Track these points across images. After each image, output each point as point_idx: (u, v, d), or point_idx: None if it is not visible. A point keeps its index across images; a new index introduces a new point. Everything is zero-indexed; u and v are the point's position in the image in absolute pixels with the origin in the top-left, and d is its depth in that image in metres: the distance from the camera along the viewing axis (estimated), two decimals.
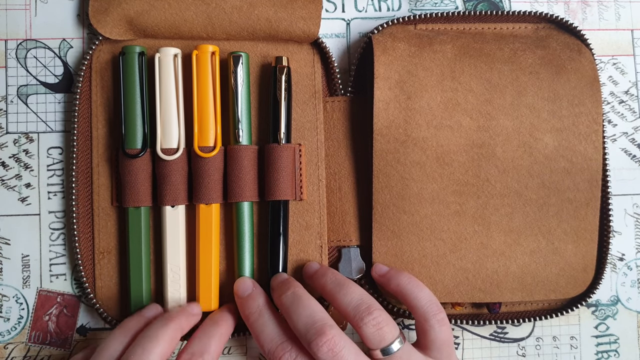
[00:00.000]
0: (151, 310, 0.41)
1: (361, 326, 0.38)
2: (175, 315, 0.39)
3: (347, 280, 0.41)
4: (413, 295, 0.41)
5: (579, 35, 0.46)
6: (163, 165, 0.42)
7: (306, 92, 0.45)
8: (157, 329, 0.38)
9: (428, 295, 0.41)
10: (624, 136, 0.49)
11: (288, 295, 0.39)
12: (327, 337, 0.37)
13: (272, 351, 0.38)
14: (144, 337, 0.37)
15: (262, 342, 0.39)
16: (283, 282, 0.41)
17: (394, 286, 0.42)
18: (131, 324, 0.40)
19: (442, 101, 0.44)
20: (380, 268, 0.43)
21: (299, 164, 0.44)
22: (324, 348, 0.36)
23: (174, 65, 0.43)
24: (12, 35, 0.46)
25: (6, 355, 0.44)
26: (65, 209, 0.45)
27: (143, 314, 0.41)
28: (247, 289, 0.41)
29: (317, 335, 0.37)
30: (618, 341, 0.47)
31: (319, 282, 0.41)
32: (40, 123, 0.45)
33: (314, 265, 0.43)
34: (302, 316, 0.38)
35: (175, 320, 0.39)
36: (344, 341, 0.37)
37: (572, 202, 0.44)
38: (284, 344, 0.38)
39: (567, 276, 0.44)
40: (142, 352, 0.36)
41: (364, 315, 0.38)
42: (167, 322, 0.38)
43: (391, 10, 0.48)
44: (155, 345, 0.37)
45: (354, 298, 0.39)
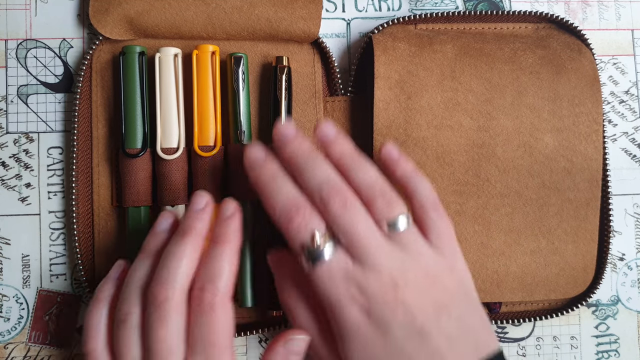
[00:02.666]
0: (163, 223, 0.40)
1: (370, 197, 0.37)
2: (187, 225, 0.38)
3: (365, 158, 0.39)
4: (414, 187, 0.39)
5: (580, 35, 0.46)
6: (163, 164, 0.42)
7: (306, 92, 0.45)
8: (176, 246, 0.37)
9: (428, 188, 0.39)
10: (624, 136, 0.49)
11: (303, 152, 0.38)
12: (342, 193, 0.36)
13: (285, 210, 0.36)
14: (166, 256, 0.37)
15: (273, 202, 0.36)
16: (295, 137, 0.38)
17: (399, 174, 0.39)
18: (151, 245, 0.39)
19: (442, 101, 0.44)
20: (392, 151, 0.40)
21: None
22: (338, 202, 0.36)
23: (174, 65, 0.43)
24: (12, 35, 0.46)
25: (6, 355, 0.44)
26: (65, 209, 0.45)
27: (156, 231, 0.39)
28: (259, 156, 0.38)
29: (332, 189, 0.36)
30: (618, 341, 0.47)
31: (335, 150, 0.39)
32: (40, 123, 0.45)
33: (330, 131, 0.39)
34: (317, 174, 0.37)
35: (189, 232, 0.37)
36: (358, 200, 0.36)
37: (572, 202, 0.44)
38: (300, 205, 0.36)
39: (567, 276, 0.44)
40: (167, 273, 0.36)
41: (376, 195, 0.37)
42: (183, 237, 0.37)
43: (391, 10, 0.48)
44: (179, 264, 0.36)
45: (368, 176, 0.38)
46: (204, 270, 0.36)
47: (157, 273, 0.36)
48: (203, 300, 0.35)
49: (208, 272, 0.36)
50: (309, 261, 0.35)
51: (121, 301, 0.37)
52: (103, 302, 0.38)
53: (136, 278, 0.37)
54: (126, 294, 0.37)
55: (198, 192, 0.39)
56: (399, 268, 0.36)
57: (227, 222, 0.38)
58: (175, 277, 0.36)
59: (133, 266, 0.38)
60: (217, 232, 0.38)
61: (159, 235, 0.39)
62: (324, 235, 0.36)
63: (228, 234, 0.37)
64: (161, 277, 0.36)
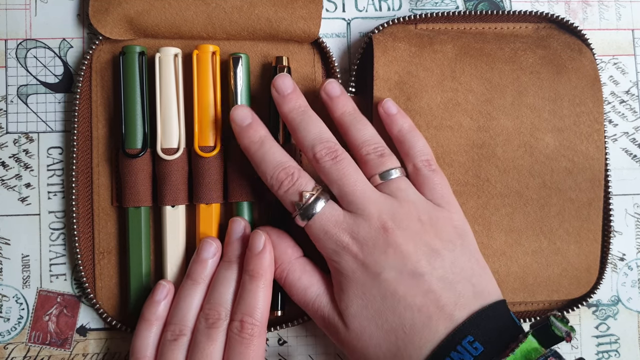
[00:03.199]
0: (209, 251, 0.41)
1: (364, 153, 0.40)
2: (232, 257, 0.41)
3: (364, 118, 0.41)
4: (410, 144, 0.41)
5: (580, 35, 0.46)
6: (163, 165, 0.42)
7: (306, 92, 0.45)
8: (225, 273, 0.40)
9: (423, 145, 0.41)
10: (625, 136, 0.49)
11: (299, 110, 0.40)
12: (332, 148, 0.38)
13: (275, 175, 0.39)
14: (217, 282, 0.40)
15: (264, 169, 0.39)
16: (292, 93, 0.41)
17: (396, 131, 0.41)
18: (199, 272, 0.41)
19: (442, 101, 0.44)
20: (390, 106, 0.42)
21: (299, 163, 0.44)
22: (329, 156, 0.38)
23: (174, 65, 0.43)
24: (12, 35, 0.45)
25: (6, 355, 0.44)
26: (65, 209, 0.45)
27: (201, 259, 0.41)
28: (245, 117, 0.41)
29: (323, 145, 0.39)
30: (618, 341, 0.47)
31: (337, 107, 0.41)
32: (40, 123, 0.45)
33: (335, 89, 0.42)
34: (312, 132, 0.39)
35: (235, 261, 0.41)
36: (348, 155, 0.39)
37: (574, 202, 0.44)
38: (287, 168, 0.39)
39: (570, 276, 0.44)
40: (219, 297, 0.39)
41: (370, 149, 0.40)
42: (230, 265, 0.41)
43: (392, 9, 0.48)
44: (228, 290, 0.40)
45: (365, 134, 0.40)
46: (242, 303, 0.39)
47: (209, 296, 0.40)
48: (242, 331, 0.38)
49: (247, 306, 0.39)
50: (304, 219, 0.38)
51: (173, 322, 0.40)
52: (151, 323, 0.40)
53: (187, 302, 0.40)
54: (178, 316, 0.40)
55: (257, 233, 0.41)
56: (389, 212, 0.38)
57: (260, 257, 0.40)
58: (227, 301, 0.39)
59: (183, 291, 0.41)
60: (251, 266, 0.40)
61: (205, 263, 0.41)
62: (313, 191, 0.38)
63: (262, 268, 0.40)
64: (214, 300, 0.39)
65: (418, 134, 0.41)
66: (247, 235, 0.41)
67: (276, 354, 0.45)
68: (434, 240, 0.38)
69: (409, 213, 0.38)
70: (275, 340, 0.45)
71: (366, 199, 0.38)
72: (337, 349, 0.46)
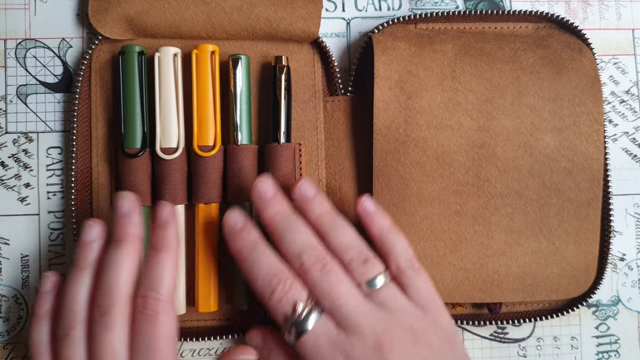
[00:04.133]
0: (90, 233, 0.39)
1: (347, 260, 0.38)
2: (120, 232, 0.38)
3: (342, 219, 0.40)
4: (391, 245, 0.40)
5: (580, 34, 0.46)
6: (162, 164, 0.42)
7: (306, 92, 0.45)
8: (114, 254, 0.37)
9: (403, 246, 0.40)
10: (625, 136, 0.49)
11: (282, 215, 0.39)
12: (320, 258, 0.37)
13: (267, 281, 0.37)
14: (106, 266, 0.37)
15: (255, 273, 0.37)
16: (273, 197, 0.39)
17: (376, 230, 0.40)
18: (83, 257, 0.38)
19: (442, 101, 0.44)
20: (369, 205, 0.41)
21: (299, 163, 0.44)
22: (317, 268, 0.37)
23: (174, 64, 0.43)
24: (11, 34, 0.45)
25: (6, 355, 0.44)
26: (65, 209, 0.45)
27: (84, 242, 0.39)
28: (238, 221, 0.39)
29: (311, 256, 0.37)
30: (619, 341, 0.47)
31: (313, 211, 0.40)
32: (39, 123, 0.45)
33: (309, 190, 0.40)
34: (297, 240, 0.38)
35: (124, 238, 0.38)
36: (337, 264, 0.38)
37: (573, 202, 0.44)
38: (280, 274, 0.37)
39: (568, 276, 0.44)
40: (110, 282, 0.36)
41: (353, 255, 0.38)
42: (119, 244, 0.38)
43: (391, 9, 0.48)
44: (120, 272, 0.37)
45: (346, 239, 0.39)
46: (144, 278, 0.37)
47: (99, 283, 0.37)
48: (146, 307, 0.36)
49: (149, 280, 0.37)
50: (294, 333, 0.36)
51: (62, 317, 0.37)
52: (43, 318, 0.38)
53: (74, 292, 0.37)
54: (66, 309, 0.37)
55: (120, 194, 0.39)
56: (383, 328, 0.36)
57: (164, 227, 0.38)
58: (119, 285, 0.36)
59: (69, 280, 0.38)
60: (154, 238, 0.38)
61: (89, 246, 0.39)
62: (306, 303, 0.37)
63: (166, 239, 0.38)
64: (104, 287, 0.37)
65: (398, 234, 0.40)
66: (136, 211, 0.39)
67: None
68: (427, 351, 0.37)
69: (401, 325, 0.37)
70: None
71: (359, 315, 0.36)
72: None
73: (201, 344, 0.45)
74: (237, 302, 0.43)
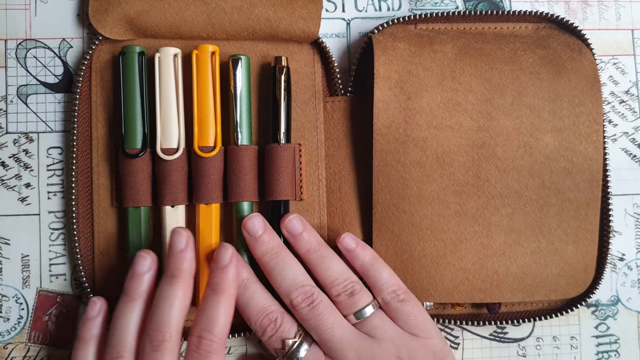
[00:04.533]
0: (142, 265, 0.40)
1: (334, 294, 0.40)
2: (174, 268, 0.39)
3: (329, 252, 0.42)
4: (375, 277, 0.42)
5: (580, 35, 0.46)
6: (163, 165, 0.42)
7: (306, 92, 0.45)
8: (168, 289, 0.38)
9: (387, 276, 0.42)
10: (625, 136, 0.49)
11: (272, 253, 0.41)
12: (308, 294, 0.39)
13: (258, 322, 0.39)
14: (159, 300, 0.38)
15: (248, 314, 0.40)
16: (263, 234, 0.41)
17: (359, 265, 0.42)
18: (134, 288, 0.39)
19: (442, 101, 0.44)
20: (349, 242, 0.43)
21: (299, 163, 0.44)
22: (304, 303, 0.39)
23: (174, 65, 0.43)
24: (12, 35, 0.45)
25: (6, 355, 0.44)
26: (65, 209, 0.45)
27: (136, 273, 0.40)
28: (224, 257, 0.40)
29: (299, 292, 0.39)
30: (618, 341, 0.47)
31: (301, 246, 0.42)
32: (40, 123, 0.45)
33: (297, 226, 0.42)
34: (287, 278, 0.40)
35: (178, 275, 0.39)
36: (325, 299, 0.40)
37: (572, 202, 0.44)
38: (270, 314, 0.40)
39: (567, 276, 0.44)
40: (162, 316, 0.38)
41: (340, 289, 0.40)
42: (173, 280, 0.39)
43: (391, 10, 0.48)
44: (172, 308, 0.38)
45: (333, 273, 0.41)
46: (202, 318, 0.38)
47: (151, 316, 0.38)
48: (200, 347, 0.37)
49: (206, 321, 0.38)
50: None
51: (111, 344, 0.38)
52: (90, 342, 0.39)
53: (125, 322, 0.38)
54: (116, 337, 0.38)
55: (177, 231, 0.40)
56: (368, 356, 0.38)
57: (224, 271, 0.39)
58: (171, 320, 0.38)
59: (119, 309, 0.39)
60: (214, 280, 0.39)
61: (141, 277, 0.40)
62: (296, 337, 0.39)
63: (226, 283, 0.39)
64: (157, 321, 0.38)
65: (382, 264, 0.42)
66: (190, 247, 0.40)
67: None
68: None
69: (387, 353, 0.39)
70: None
71: (344, 345, 0.39)
72: None
73: None
74: None
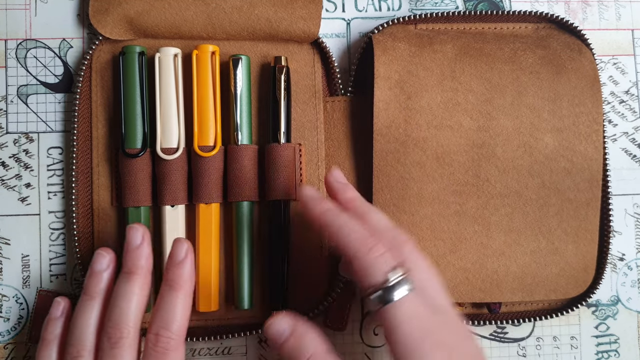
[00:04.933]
0: (101, 262, 0.40)
1: None
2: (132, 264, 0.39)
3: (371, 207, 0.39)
4: None
5: (580, 35, 0.46)
6: (163, 165, 0.42)
7: (306, 92, 0.45)
8: (125, 286, 0.38)
9: None
10: (625, 136, 0.49)
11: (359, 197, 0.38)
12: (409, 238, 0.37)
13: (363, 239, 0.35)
14: (116, 297, 0.38)
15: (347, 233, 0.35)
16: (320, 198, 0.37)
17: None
18: (93, 286, 0.39)
19: (442, 101, 0.44)
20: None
21: (299, 163, 0.44)
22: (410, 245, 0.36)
23: (174, 65, 0.43)
24: (12, 35, 0.45)
25: (6, 355, 0.44)
26: (65, 209, 0.45)
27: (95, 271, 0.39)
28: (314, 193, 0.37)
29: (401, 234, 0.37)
30: (618, 341, 0.47)
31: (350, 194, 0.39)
32: (40, 123, 0.45)
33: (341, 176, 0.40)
34: (383, 217, 0.38)
35: (136, 271, 0.38)
36: None
37: (572, 202, 0.44)
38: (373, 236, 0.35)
39: (567, 276, 0.44)
40: (120, 313, 0.37)
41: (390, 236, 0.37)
42: (130, 276, 0.38)
43: (391, 10, 0.48)
44: (130, 304, 0.37)
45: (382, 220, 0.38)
46: (158, 315, 0.38)
47: (109, 313, 0.38)
48: (157, 345, 0.37)
49: (162, 318, 0.37)
50: (383, 298, 0.34)
51: (70, 344, 0.38)
52: (53, 343, 0.39)
53: (83, 320, 0.38)
54: (75, 336, 0.38)
55: (131, 227, 0.39)
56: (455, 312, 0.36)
57: (180, 266, 0.39)
58: (129, 317, 0.37)
59: (79, 308, 0.39)
60: (169, 275, 0.38)
61: (100, 276, 0.39)
62: (402, 271, 0.34)
63: (181, 278, 0.38)
64: (114, 318, 0.37)
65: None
66: (146, 243, 0.39)
67: (276, 354, 0.45)
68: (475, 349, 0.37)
69: None
70: None
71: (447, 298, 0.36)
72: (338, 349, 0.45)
73: (201, 344, 0.45)
74: (238, 302, 0.43)
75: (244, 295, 0.43)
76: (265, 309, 0.44)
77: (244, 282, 0.43)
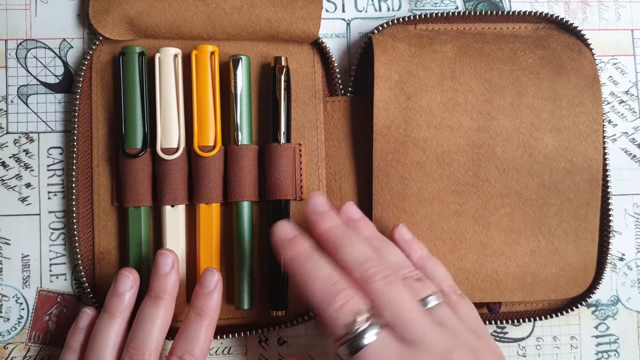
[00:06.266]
0: (125, 284, 0.40)
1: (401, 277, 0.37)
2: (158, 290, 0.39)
3: (388, 241, 0.39)
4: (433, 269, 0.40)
5: (579, 35, 0.46)
6: (163, 164, 0.42)
7: (306, 92, 0.45)
8: (150, 310, 0.39)
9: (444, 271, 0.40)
10: (624, 136, 0.49)
11: (338, 227, 0.38)
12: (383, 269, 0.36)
13: (326, 289, 0.35)
14: (141, 319, 0.39)
15: (312, 282, 0.35)
16: (328, 212, 0.38)
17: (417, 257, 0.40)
18: (116, 306, 0.40)
19: (442, 101, 0.44)
20: (405, 233, 0.41)
21: (299, 163, 0.44)
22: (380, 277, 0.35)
23: (174, 65, 0.43)
24: (12, 35, 0.46)
25: (6, 355, 0.44)
26: (65, 209, 0.45)
27: (119, 292, 0.40)
28: (289, 232, 0.38)
29: (373, 265, 0.36)
30: (618, 341, 0.47)
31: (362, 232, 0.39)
32: (40, 123, 0.45)
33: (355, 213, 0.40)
34: (356, 250, 0.36)
35: (162, 296, 0.39)
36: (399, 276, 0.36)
37: (572, 202, 0.44)
38: (338, 284, 0.35)
39: (567, 276, 0.44)
40: (144, 335, 0.38)
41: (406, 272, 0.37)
42: (156, 301, 0.39)
43: (391, 10, 0.48)
44: (153, 328, 0.39)
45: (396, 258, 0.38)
46: (183, 339, 0.39)
47: (132, 335, 0.39)
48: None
49: (187, 342, 0.39)
50: (354, 346, 0.34)
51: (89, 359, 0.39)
52: (75, 351, 0.40)
53: (104, 338, 0.39)
54: (94, 351, 0.39)
55: (163, 253, 0.40)
56: (447, 346, 0.34)
57: (209, 297, 0.40)
58: (151, 340, 0.38)
59: (99, 325, 0.40)
60: (198, 304, 0.40)
61: (123, 296, 0.40)
62: (369, 314, 0.34)
63: (210, 309, 0.40)
64: (137, 340, 0.38)
65: (437, 261, 0.40)
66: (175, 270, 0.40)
67: (276, 354, 0.45)
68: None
69: (465, 344, 0.35)
70: (275, 340, 0.45)
71: (425, 330, 0.34)
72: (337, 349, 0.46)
73: None
74: (238, 302, 0.43)
75: (244, 295, 0.43)
76: (265, 309, 0.44)
77: (244, 282, 0.43)
